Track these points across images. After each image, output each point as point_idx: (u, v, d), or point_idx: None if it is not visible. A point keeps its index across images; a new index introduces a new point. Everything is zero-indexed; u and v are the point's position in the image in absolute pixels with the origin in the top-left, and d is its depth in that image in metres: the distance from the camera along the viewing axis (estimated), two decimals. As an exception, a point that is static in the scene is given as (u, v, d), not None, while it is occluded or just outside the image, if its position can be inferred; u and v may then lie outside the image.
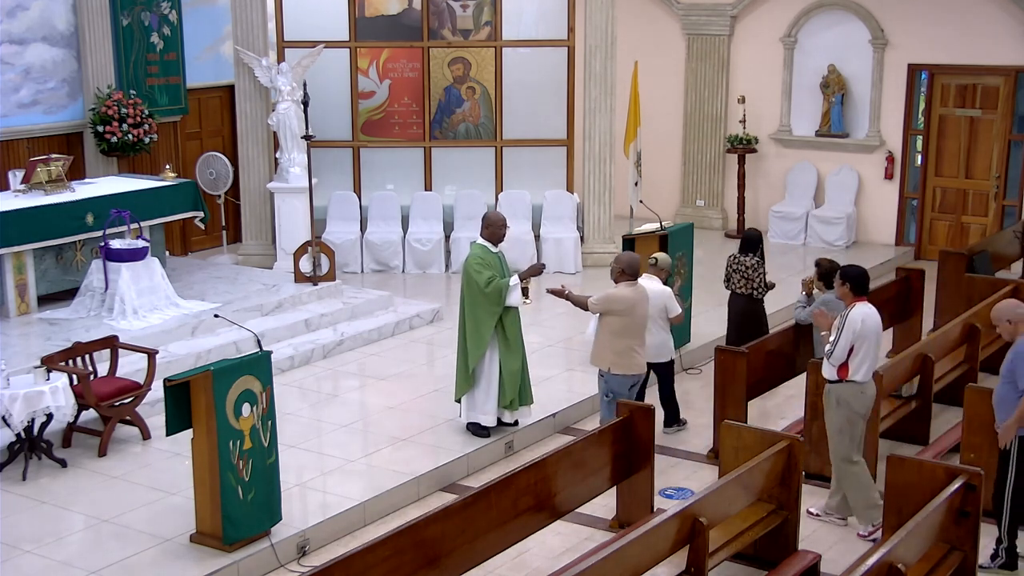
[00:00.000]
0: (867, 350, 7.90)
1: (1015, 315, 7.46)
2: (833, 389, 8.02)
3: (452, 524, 6.60)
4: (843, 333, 7.84)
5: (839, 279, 8.08)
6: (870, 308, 7.98)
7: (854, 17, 15.74)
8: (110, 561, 7.45)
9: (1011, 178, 15.15)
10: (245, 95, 14.33)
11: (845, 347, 7.86)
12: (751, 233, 10.80)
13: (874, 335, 7.95)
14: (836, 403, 8.00)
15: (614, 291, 8.69)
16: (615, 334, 8.61)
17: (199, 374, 7.41)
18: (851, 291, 7.98)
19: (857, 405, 7.99)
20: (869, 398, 8.05)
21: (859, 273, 8.02)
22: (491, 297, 8.97)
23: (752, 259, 10.54)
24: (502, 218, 9.27)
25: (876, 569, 6.05)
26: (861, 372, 7.93)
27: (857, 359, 7.90)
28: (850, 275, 8.01)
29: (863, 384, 7.97)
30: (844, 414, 7.98)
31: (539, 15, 14.88)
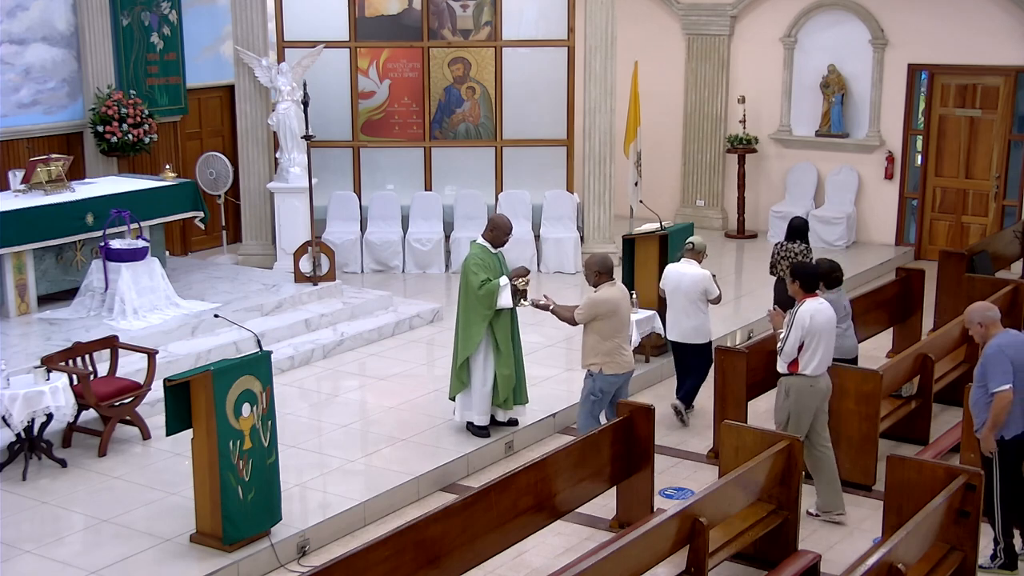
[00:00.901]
0: (817, 345, 8.06)
1: (985, 318, 7.52)
2: (784, 381, 8.23)
3: (452, 524, 6.60)
4: (792, 329, 8.04)
5: (790, 277, 8.29)
6: (821, 304, 8.15)
7: (854, 17, 15.74)
8: (110, 561, 7.46)
9: (1011, 178, 15.15)
10: (245, 95, 14.33)
11: (795, 343, 8.04)
12: (797, 221, 11.04)
13: (825, 331, 8.09)
14: (786, 395, 8.21)
15: (597, 296, 8.56)
16: (603, 336, 8.55)
17: (199, 374, 7.41)
18: (801, 288, 8.16)
19: (807, 398, 8.15)
20: (820, 391, 8.21)
21: (809, 271, 8.26)
22: (483, 300, 9.00)
23: (800, 246, 10.78)
24: (509, 225, 9.28)
25: (876, 569, 6.05)
26: (812, 366, 8.09)
27: (807, 354, 8.06)
28: (800, 273, 8.21)
29: (814, 378, 8.13)
30: (792, 405, 8.16)
31: (539, 15, 14.88)
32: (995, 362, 7.35)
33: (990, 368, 7.39)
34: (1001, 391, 7.30)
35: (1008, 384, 7.29)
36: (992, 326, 7.49)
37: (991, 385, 7.36)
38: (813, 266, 8.33)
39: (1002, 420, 7.36)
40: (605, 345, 8.55)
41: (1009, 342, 7.43)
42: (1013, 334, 7.56)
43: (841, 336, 9.39)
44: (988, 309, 7.57)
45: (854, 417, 8.72)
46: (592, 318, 8.54)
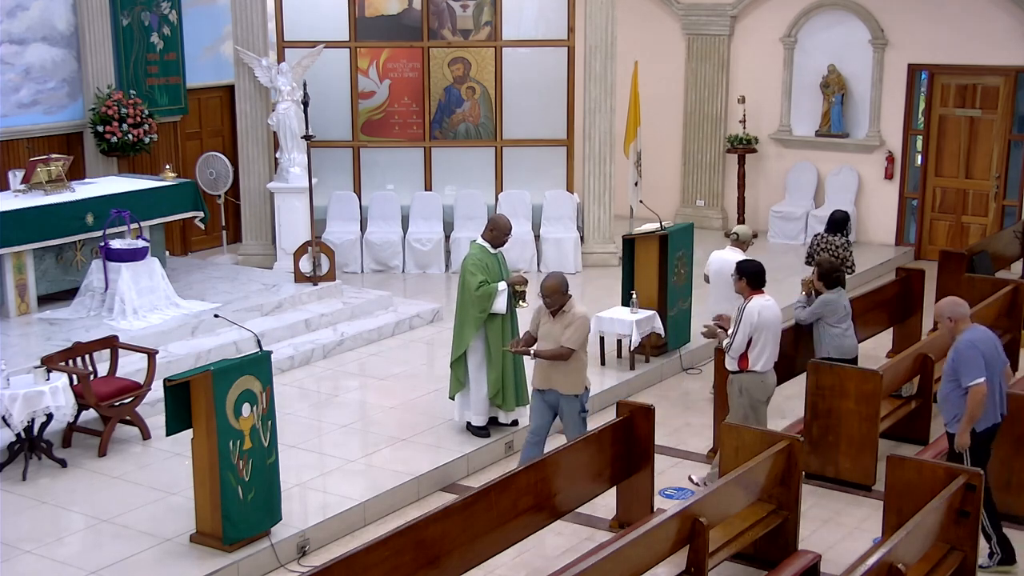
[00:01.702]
0: (765, 341, 8.25)
1: (956, 313, 7.58)
2: (735, 379, 8.40)
3: (452, 524, 6.60)
4: (740, 326, 8.20)
5: (735, 274, 8.42)
6: (768, 301, 8.32)
7: (854, 17, 15.74)
8: (110, 561, 7.45)
9: (1011, 178, 15.16)
10: (245, 95, 14.34)
11: (743, 339, 8.21)
12: (839, 214, 11.24)
13: (772, 326, 8.27)
14: (739, 392, 8.37)
15: (578, 321, 8.11)
16: (584, 351, 8.28)
17: (199, 374, 7.41)
18: (748, 285, 8.32)
19: (758, 393, 8.37)
20: (769, 386, 8.45)
21: (755, 269, 8.37)
22: (478, 302, 9.01)
23: (841, 239, 11.01)
24: (509, 225, 9.27)
25: (876, 569, 6.05)
26: (761, 362, 8.29)
27: (756, 350, 8.25)
28: (746, 270, 8.35)
29: (763, 374, 8.34)
30: (747, 402, 8.34)
31: (539, 15, 14.88)
32: (968, 357, 7.41)
33: (963, 363, 7.43)
34: (976, 384, 7.36)
35: (983, 377, 7.36)
36: (961, 321, 7.56)
37: (965, 379, 7.41)
38: (758, 264, 8.43)
39: (979, 414, 7.42)
40: (583, 361, 8.29)
41: (979, 337, 7.52)
42: (982, 329, 7.65)
43: (841, 336, 9.40)
44: (958, 304, 7.63)
45: (854, 417, 8.72)
46: (585, 340, 8.22)
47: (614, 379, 10.82)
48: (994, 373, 7.51)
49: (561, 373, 8.18)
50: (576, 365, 8.18)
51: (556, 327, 8.14)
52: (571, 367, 8.16)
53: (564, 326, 8.11)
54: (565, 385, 8.21)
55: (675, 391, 10.97)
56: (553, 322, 8.17)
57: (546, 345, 8.13)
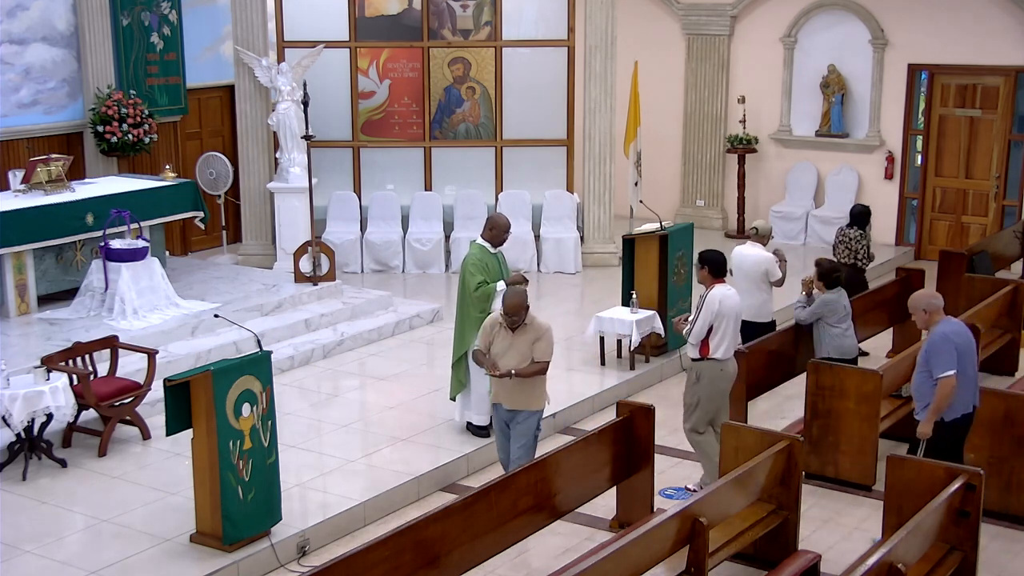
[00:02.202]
0: (725, 329, 8.38)
1: (930, 305, 7.73)
2: (695, 366, 8.55)
3: (452, 524, 6.60)
4: (702, 313, 8.34)
5: (698, 263, 8.56)
6: (729, 290, 8.49)
7: (854, 17, 15.74)
8: (110, 561, 7.46)
9: (1011, 178, 15.16)
10: (245, 95, 14.34)
11: (703, 326, 8.35)
12: (857, 208, 11.80)
13: (732, 315, 8.41)
14: (697, 379, 8.52)
15: (546, 332, 7.88)
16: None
17: (199, 374, 7.41)
18: (710, 274, 8.45)
19: (718, 381, 8.49)
20: (729, 375, 8.56)
21: (716, 258, 8.49)
22: (478, 302, 9.01)
23: (856, 231, 11.47)
24: (507, 223, 9.27)
25: (876, 569, 6.05)
26: (721, 350, 8.41)
27: (717, 338, 8.38)
28: (708, 259, 8.48)
29: (723, 361, 8.46)
30: (703, 390, 8.47)
31: (539, 15, 14.88)
32: (940, 349, 7.56)
33: (935, 354, 7.58)
34: (946, 377, 7.50)
35: (952, 370, 7.50)
36: (936, 313, 7.71)
37: (936, 371, 7.55)
38: (720, 253, 8.58)
39: (945, 406, 7.58)
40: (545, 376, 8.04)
41: (953, 329, 7.67)
42: (955, 322, 7.81)
43: (841, 336, 9.41)
44: (933, 297, 7.82)
45: (854, 417, 8.72)
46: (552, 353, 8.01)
47: (614, 379, 10.83)
48: (967, 365, 7.65)
49: (530, 389, 7.89)
50: (543, 378, 7.97)
51: (522, 342, 7.82)
52: (540, 381, 7.94)
53: (532, 340, 7.82)
54: (531, 401, 7.93)
55: (675, 391, 10.93)
56: (515, 337, 7.82)
57: (509, 362, 7.78)
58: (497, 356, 7.85)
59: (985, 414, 8.29)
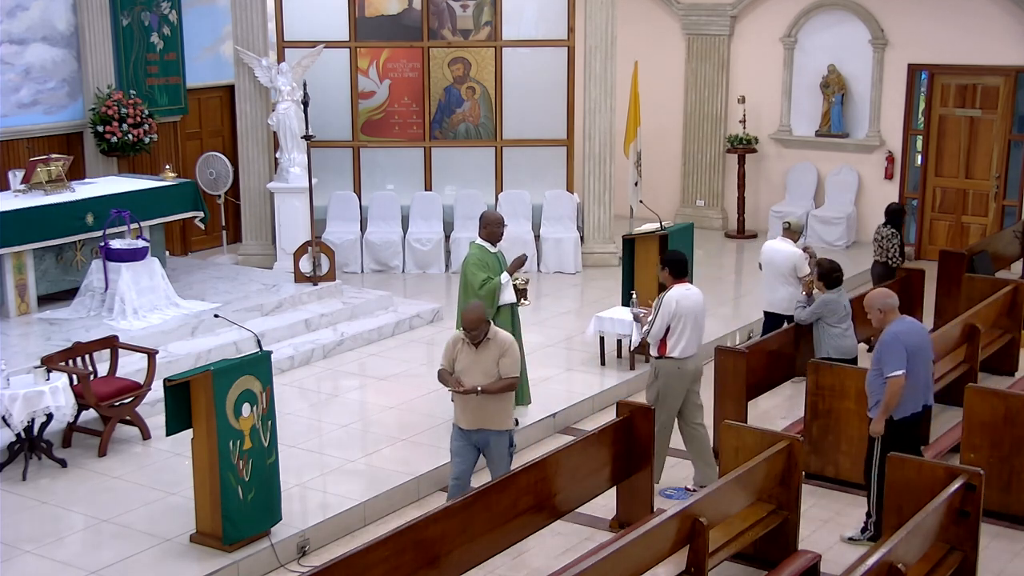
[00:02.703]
0: (683, 329, 8.49)
1: (885, 304, 7.81)
2: (654, 363, 8.71)
3: (452, 524, 6.61)
4: (659, 313, 8.47)
5: (659, 264, 8.70)
6: (688, 290, 8.58)
7: (854, 17, 15.74)
8: (110, 561, 7.46)
9: (1011, 178, 15.16)
10: (245, 95, 14.34)
11: (661, 326, 8.49)
12: (892, 206, 12.02)
13: (691, 315, 8.51)
14: (655, 375, 8.66)
15: (510, 346, 7.62)
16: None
17: (199, 374, 7.41)
18: (670, 275, 8.58)
19: (675, 379, 8.58)
20: (688, 373, 8.64)
21: (677, 258, 8.66)
22: (485, 299, 8.97)
23: (889, 230, 11.65)
24: (499, 217, 9.27)
25: (876, 569, 6.05)
26: (678, 349, 8.52)
27: (674, 338, 8.50)
28: (669, 260, 8.65)
29: (682, 360, 8.56)
30: (662, 387, 8.59)
31: (539, 15, 14.88)
32: (891, 348, 7.65)
33: (885, 354, 7.68)
34: (894, 376, 7.59)
35: (901, 370, 7.59)
36: (890, 313, 7.79)
37: (885, 370, 7.65)
38: (681, 253, 8.74)
39: (894, 404, 7.66)
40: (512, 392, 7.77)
41: (905, 329, 7.75)
42: (909, 321, 7.91)
43: (841, 336, 9.41)
44: (888, 296, 7.87)
45: (854, 417, 8.71)
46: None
47: (614, 379, 10.82)
48: (918, 365, 7.74)
49: (497, 407, 7.61)
50: (510, 396, 7.70)
51: (485, 357, 7.53)
52: (507, 399, 7.66)
53: (497, 355, 7.54)
54: (498, 420, 7.65)
55: (675, 391, 10.96)
56: (478, 353, 7.54)
57: (474, 379, 7.50)
58: (461, 374, 7.57)
59: (985, 414, 8.30)
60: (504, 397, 7.62)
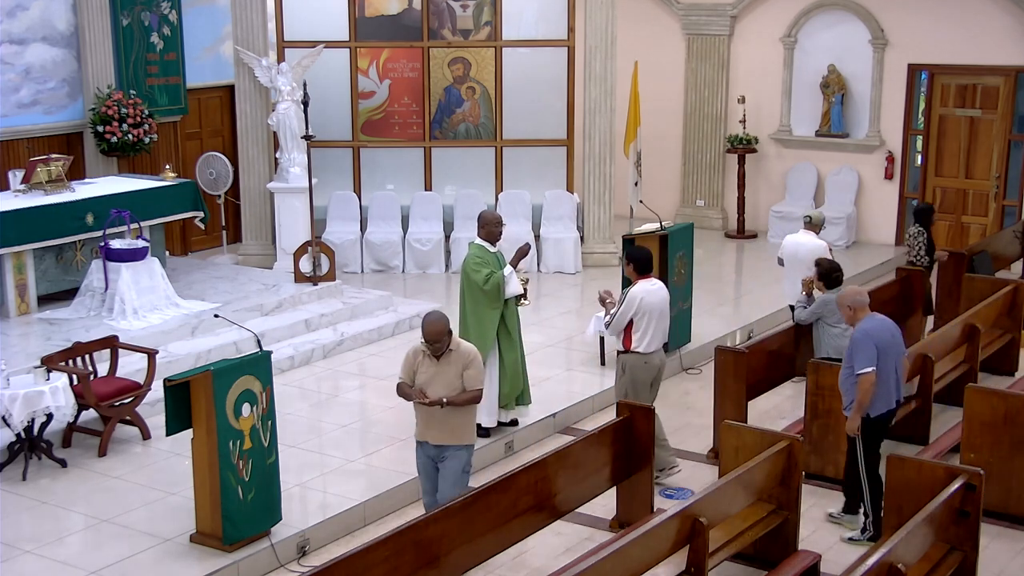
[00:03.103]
0: (647, 324, 8.56)
1: (856, 302, 7.91)
2: (621, 359, 8.76)
3: (452, 524, 6.61)
4: (623, 307, 8.56)
5: (624, 260, 8.77)
6: (653, 286, 8.65)
7: (854, 17, 15.74)
8: (110, 561, 7.46)
9: (1011, 178, 15.16)
10: (245, 95, 14.34)
11: (623, 320, 8.57)
12: (920, 206, 12.20)
13: (656, 310, 8.60)
14: (622, 370, 8.73)
15: (474, 357, 7.34)
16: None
17: (199, 374, 7.41)
18: (635, 271, 8.65)
19: (641, 373, 8.67)
20: (653, 367, 8.72)
21: (641, 255, 8.72)
22: (491, 294, 8.96)
23: (915, 229, 11.73)
24: (497, 216, 9.26)
25: (876, 569, 6.05)
26: (644, 344, 8.60)
27: (639, 333, 8.58)
28: (633, 256, 8.71)
29: (647, 355, 8.64)
30: (628, 380, 8.68)
31: (539, 15, 14.88)
32: (861, 346, 7.73)
33: (856, 351, 7.76)
34: (865, 373, 7.67)
35: (871, 367, 7.66)
36: (861, 310, 7.88)
37: (856, 367, 7.74)
38: (646, 250, 8.85)
39: (866, 401, 7.74)
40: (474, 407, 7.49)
41: (875, 326, 7.82)
42: (879, 319, 7.94)
43: (841, 336, 9.39)
44: (858, 294, 7.98)
45: (854, 417, 8.71)
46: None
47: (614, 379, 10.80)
48: (889, 362, 7.81)
49: (460, 421, 7.34)
50: (473, 409, 7.44)
51: (449, 370, 7.24)
52: (470, 412, 7.40)
53: (460, 368, 7.24)
54: (459, 434, 7.37)
55: (675, 391, 10.96)
56: (440, 365, 7.25)
57: (435, 392, 7.23)
58: (422, 387, 7.31)
59: (985, 414, 8.30)
60: (468, 411, 7.36)
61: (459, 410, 7.31)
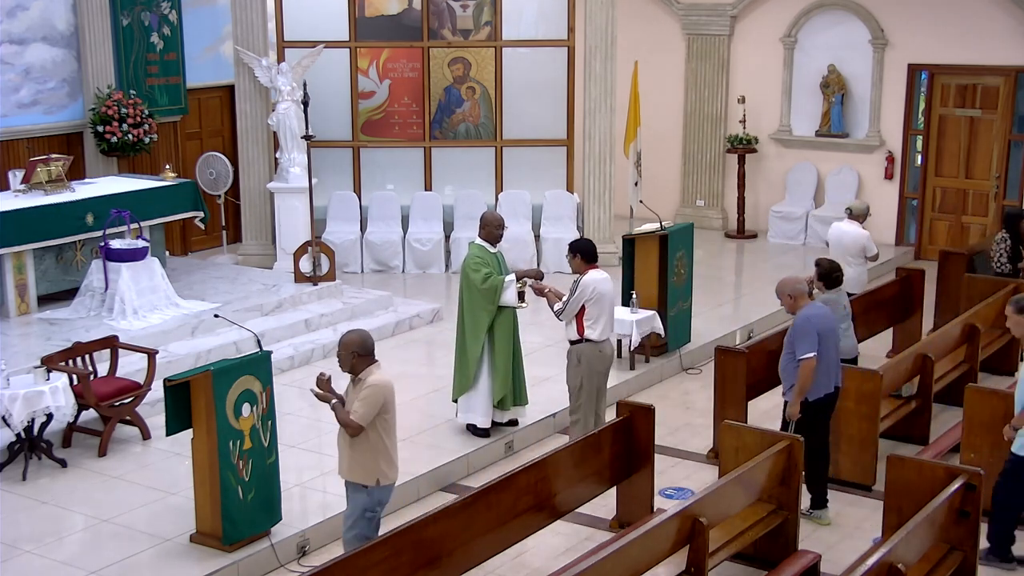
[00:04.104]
0: (600, 311, 8.70)
1: (795, 290, 8.13)
2: (575, 349, 8.83)
3: (452, 524, 6.61)
4: (575, 296, 8.67)
5: (569, 253, 8.87)
6: (601, 275, 8.79)
7: (854, 17, 15.74)
8: (110, 561, 7.46)
9: (1011, 178, 15.15)
10: (245, 95, 14.34)
11: (575, 307, 8.69)
12: (1008, 209, 12.53)
13: (606, 298, 8.75)
14: (577, 361, 8.81)
15: (368, 390, 6.76)
16: (386, 432, 6.88)
17: (199, 374, 7.42)
18: (583, 261, 8.78)
19: (596, 363, 8.80)
20: (607, 356, 8.92)
21: (587, 246, 8.87)
22: (487, 294, 8.99)
23: (1000, 235, 11.90)
24: (499, 218, 9.27)
25: (876, 569, 6.05)
26: (597, 331, 8.74)
27: (592, 320, 8.71)
28: (579, 247, 8.84)
29: (600, 343, 8.79)
30: (584, 370, 8.79)
31: (539, 15, 14.88)
32: (802, 332, 7.98)
33: (797, 337, 8.00)
34: (806, 359, 7.91)
35: (812, 352, 7.91)
36: (800, 298, 8.10)
37: (798, 352, 7.97)
38: (590, 241, 9.02)
39: (807, 386, 7.98)
40: (385, 445, 6.86)
41: (815, 313, 8.06)
42: (819, 306, 8.20)
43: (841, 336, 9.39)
44: (797, 283, 8.21)
45: (854, 417, 8.72)
46: (377, 413, 6.79)
47: (614, 379, 10.79)
48: (828, 348, 8.05)
49: (353, 455, 6.86)
50: (364, 446, 6.81)
51: (353, 396, 6.86)
52: (360, 447, 6.81)
53: (357, 397, 6.81)
54: (356, 473, 6.88)
55: (675, 391, 10.97)
56: (354, 387, 6.89)
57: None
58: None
59: (985, 414, 8.30)
60: (361, 449, 6.80)
61: (355, 446, 6.81)
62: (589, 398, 8.88)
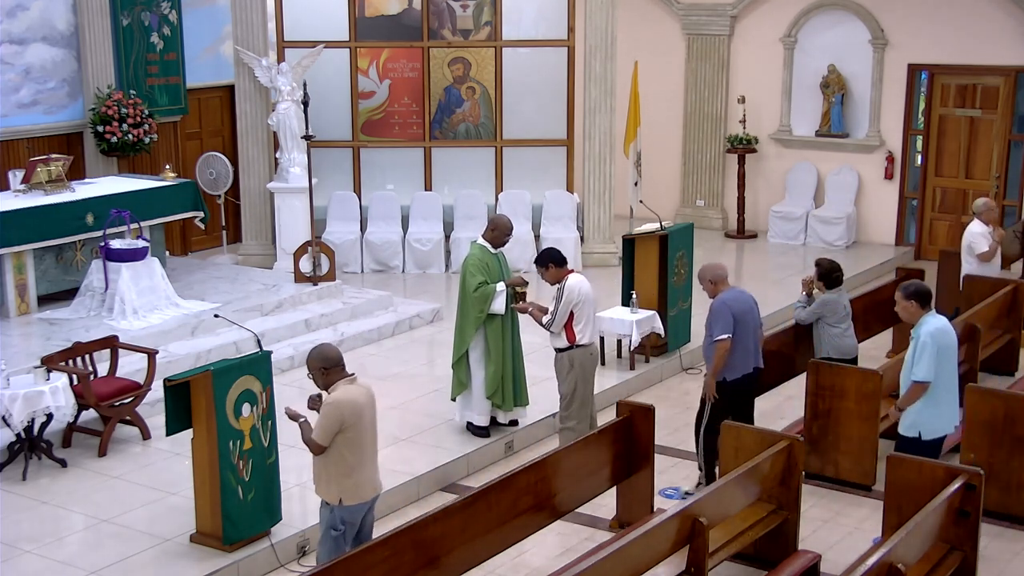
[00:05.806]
0: (587, 315, 8.79)
1: (716, 275, 8.50)
2: (566, 355, 8.84)
3: (452, 524, 6.60)
4: (562, 302, 8.68)
5: (540, 265, 8.85)
6: (580, 276, 8.90)
7: (854, 17, 15.74)
8: (110, 561, 7.46)
9: (1011, 178, 15.16)
10: (245, 95, 14.34)
11: (564, 313, 8.70)
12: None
13: (590, 299, 8.84)
14: (570, 365, 8.83)
15: (336, 399, 6.62)
16: (349, 450, 6.67)
17: (199, 374, 7.41)
18: (557, 268, 8.80)
19: (588, 365, 8.89)
20: (595, 357, 9.04)
21: (554, 254, 8.85)
22: (477, 302, 9.02)
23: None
24: (510, 225, 9.29)
25: (876, 569, 6.05)
26: (587, 335, 8.82)
27: (580, 324, 8.76)
28: (551, 257, 8.83)
29: (589, 346, 8.88)
30: (578, 374, 8.83)
31: (539, 15, 14.88)
32: (719, 315, 8.35)
33: (714, 319, 8.36)
34: (721, 339, 8.29)
35: (728, 334, 8.29)
36: (721, 283, 8.47)
37: (713, 334, 8.35)
38: (551, 248, 9.02)
39: (721, 365, 8.35)
40: (348, 463, 6.67)
41: (733, 297, 8.44)
42: (737, 291, 8.57)
43: (841, 336, 9.40)
44: (718, 268, 8.57)
45: (854, 417, 8.72)
46: (337, 431, 6.60)
47: (614, 379, 10.82)
48: (746, 331, 8.41)
49: (318, 469, 6.78)
50: (325, 463, 6.69)
51: (315, 413, 6.79)
52: (322, 464, 6.71)
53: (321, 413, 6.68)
54: (319, 486, 6.83)
55: (675, 391, 10.97)
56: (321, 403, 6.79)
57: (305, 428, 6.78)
58: None
59: (985, 414, 8.30)
60: (324, 465, 6.70)
61: (320, 464, 6.72)
62: (583, 403, 8.89)
